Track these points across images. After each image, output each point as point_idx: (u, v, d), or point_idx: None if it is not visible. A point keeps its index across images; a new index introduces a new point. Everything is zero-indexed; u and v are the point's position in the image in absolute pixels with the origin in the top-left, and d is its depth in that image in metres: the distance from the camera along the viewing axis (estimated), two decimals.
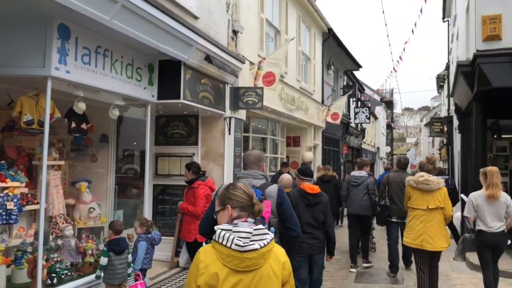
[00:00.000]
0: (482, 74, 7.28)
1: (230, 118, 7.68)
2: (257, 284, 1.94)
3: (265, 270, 1.97)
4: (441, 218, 5.15)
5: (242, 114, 8.23)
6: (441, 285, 6.48)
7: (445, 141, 22.85)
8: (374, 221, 8.63)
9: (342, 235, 10.63)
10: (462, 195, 6.50)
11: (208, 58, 6.58)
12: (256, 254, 1.94)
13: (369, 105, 28.11)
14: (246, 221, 2.08)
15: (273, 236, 2.06)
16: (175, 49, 5.86)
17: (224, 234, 1.96)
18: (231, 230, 1.98)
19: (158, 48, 5.59)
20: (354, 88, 20.18)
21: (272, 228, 3.29)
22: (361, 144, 25.87)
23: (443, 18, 18.58)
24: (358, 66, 19.85)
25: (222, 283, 1.91)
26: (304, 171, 5.05)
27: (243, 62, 7.97)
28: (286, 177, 6.63)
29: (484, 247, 5.16)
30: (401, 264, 7.37)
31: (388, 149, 40.58)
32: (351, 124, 21.10)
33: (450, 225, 9.23)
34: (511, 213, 5.06)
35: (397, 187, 6.88)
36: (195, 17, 6.68)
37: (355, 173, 7.86)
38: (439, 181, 5.24)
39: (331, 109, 14.80)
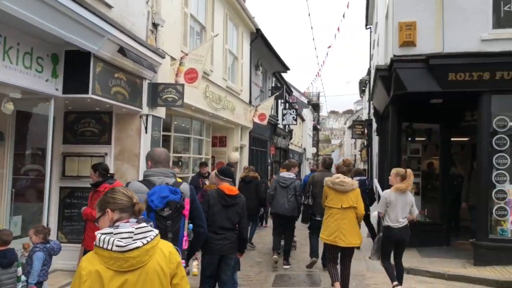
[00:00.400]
0: (398, 79, 7.53)
1: (147, 115, 7.23)
2: (144, 282, 1.96)
3: (151, 266, 1.98)
4: (353, 216, 5.58)
5: (161, 111, 7.81)
6: (356, 285, 6.59)
7: (365, 143, 23.91)
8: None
9: (265, 236, 10.58)
10: (375, 180, 6.73)
11: (122, 51, 6.10)
12: (139, 252, 1.94)
13: (297, 107, 28.69)
14: (128, 221, 2.06)
15: (157, 233, 2.07)
16: (83, 39, 5.32)
17: (105, 238, 1.94)
18: (111, 233, 1.97)
19: (62, 37, 5.03)
20: (282, 89, 20.39)
21: (191, 225, 3.51)
22: (289, 145, 26.29)
23: (366, 25, 19.39)
24: (286, 68, 20.08)
25: (107, 286, 1.90)
26: (224, 171, 5.02)
27: (163, 57, 7.55)
28: (211, 176, 6.44)
29: (390, 241, 5.67)
30: (319, 265, 7.43)
31: (314, 150, 41.81)
32: (278, 125, 21.30)
33: (368, 224, 9.56)
34: (413, 211, 5.69)
35: (321, 187, 6.89)
36: (109, 6, 6.16)
37: (285, 174, 7.87)
38: (353, 182, 5.68)
39: (258, 109, 14.75)
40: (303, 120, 34.37)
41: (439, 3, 7.36)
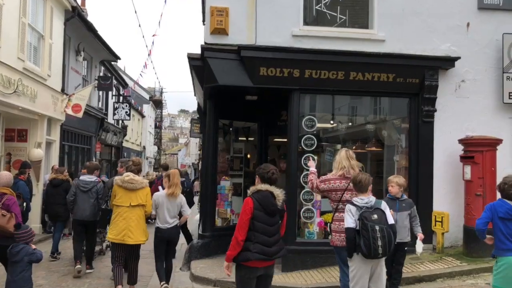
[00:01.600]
0: (209, 70, 6.80)
1: None
2: None
3: None
4: (141, 214, 5.69)
5: None
6: None
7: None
8: None
9: (65, 249, 8.89)
10: (160, 188, 6.52)
11: None
12: None
13: (133, 101, 26.79)
14: None
15: None
16: None
17: None
18: None
19: None
20: (110, 80, 18.42)
21: None
22: (122, 142, 24.27)
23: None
24: (115, 57, 18.22)
25: None
26: None
27: None
28: (5, 175, 5.29)
29: (161, 241, 5.76)
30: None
31: (156, 148, 40.11)
32: (106, 119, 19.26)
33: (185, 231, 8.73)
34: (183, 212, 5.90)
35: None
36: None
37: (85, 177, 7.26)
38: (143, 181, 5.79)
39: (72, 99, 12.73)
40: (142, 116, 32.49)
41: None
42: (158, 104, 38.25)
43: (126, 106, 21.72)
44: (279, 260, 7.22)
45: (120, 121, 23.34)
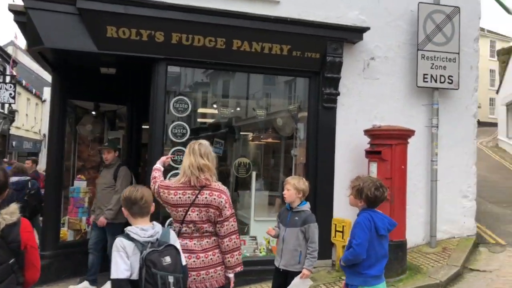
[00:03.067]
0: (33, 26, 4.82)
1: None
2: None
3: None
4: None
5: None
6: None
7: None
8: None
9: None
10: None
11: None
12: None
13: (24, 82, 23.50)
14: None
15: None
16: None
17: None
18: None
19: None
20: None
21: None
22: (9, 129, 20.99)
23: None
24: None
25: None
26: None
27: None
28: None
29: None
30: None
31: None
32: None
33: None
34: None
35: None
36: None
37: None
38: None
39: None
40: (42, 100, 28.86)
41: None
42: None
43: (11, 87, 18.57)
44: None
45: (7, 105, 20.11)
